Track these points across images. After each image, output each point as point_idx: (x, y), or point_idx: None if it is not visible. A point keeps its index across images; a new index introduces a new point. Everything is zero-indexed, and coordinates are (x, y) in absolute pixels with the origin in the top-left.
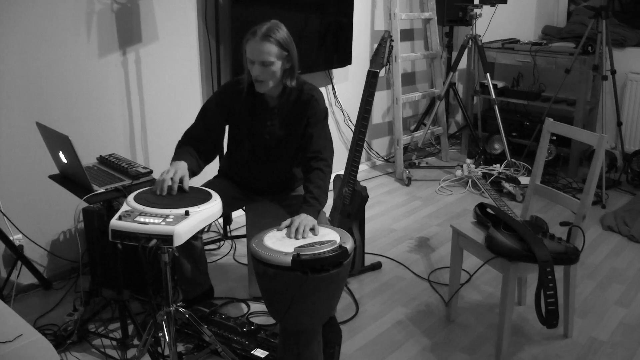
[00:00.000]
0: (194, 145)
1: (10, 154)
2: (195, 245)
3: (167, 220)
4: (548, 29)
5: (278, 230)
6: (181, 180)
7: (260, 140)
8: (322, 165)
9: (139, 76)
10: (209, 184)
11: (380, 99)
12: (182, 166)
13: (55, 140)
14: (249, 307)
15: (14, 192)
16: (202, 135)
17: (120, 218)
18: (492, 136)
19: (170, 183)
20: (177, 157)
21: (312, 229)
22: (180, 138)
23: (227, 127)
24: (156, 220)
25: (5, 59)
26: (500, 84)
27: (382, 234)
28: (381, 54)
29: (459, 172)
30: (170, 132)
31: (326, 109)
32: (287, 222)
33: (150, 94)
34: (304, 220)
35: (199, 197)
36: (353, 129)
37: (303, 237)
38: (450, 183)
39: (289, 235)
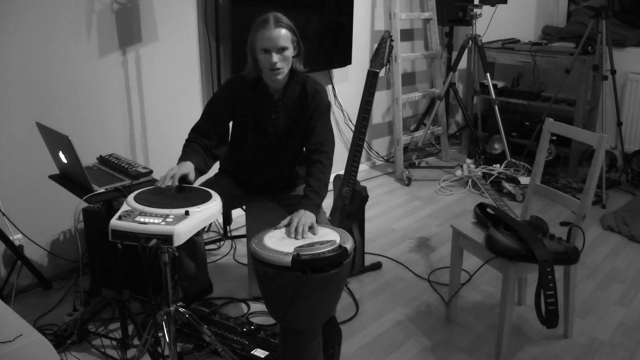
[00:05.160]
0: (201, 142)
1: (10, 154)
2: (197, 242)
3: (167, 220)
4: (548, 29)
5: (277, 228)
6: (186, 178)
7: (265, 134)
8: (323, 158)
9: (139, 76)
10: (209, 181)
11: (380, 99)
12: (187, 165)
13: (55, 140)
14: (249, 307)
15: (14, 192)
16: (209, 131)
17: (120, 218)
18: (492, 136)
19: (171, 177)
20: (184, 157)
21: (311, 227)
22: (186, 136)
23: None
24: (156, 220)
25: (5, 59)
26: (500, 84)
27: (382, 234)
28: (381, 54)
29: (459, 172)
30: (171, 132)
31: (329, 102)
32: (285, 220)
33: (150, 94)
34: (303, 218)
35: (199, 197)
36: (353, 129)
37: (303, 237)
38: (450, 183)
39: (288, 235)
